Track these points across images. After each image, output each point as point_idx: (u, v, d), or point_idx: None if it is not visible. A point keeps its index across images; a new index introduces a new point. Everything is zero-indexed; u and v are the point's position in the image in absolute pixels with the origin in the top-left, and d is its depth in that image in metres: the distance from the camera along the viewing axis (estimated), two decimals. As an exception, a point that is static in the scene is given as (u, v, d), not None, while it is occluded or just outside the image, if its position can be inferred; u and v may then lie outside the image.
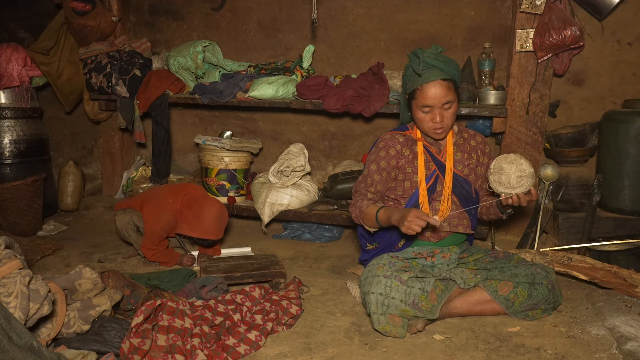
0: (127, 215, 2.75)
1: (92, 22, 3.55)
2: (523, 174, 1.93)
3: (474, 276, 2.04)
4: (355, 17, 3.44)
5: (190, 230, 2.69)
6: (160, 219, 2.67)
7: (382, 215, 2.02)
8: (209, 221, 2.68)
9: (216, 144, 3.29)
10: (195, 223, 2.67)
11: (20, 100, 3.62)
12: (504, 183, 1.94)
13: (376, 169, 2.18)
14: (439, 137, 2.14)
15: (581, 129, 2.95)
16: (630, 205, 2.73)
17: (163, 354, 1.70)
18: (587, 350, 1.81)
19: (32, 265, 2.74)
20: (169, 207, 2.71)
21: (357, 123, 3.55)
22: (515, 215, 3.05)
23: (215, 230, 2.72)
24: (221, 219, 2.75)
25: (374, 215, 2.05)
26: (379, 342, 1.89)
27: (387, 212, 2.00)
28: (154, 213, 2.69)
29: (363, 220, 2.13)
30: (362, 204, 2.13)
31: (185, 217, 2.70)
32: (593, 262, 2.35)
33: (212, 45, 3.50)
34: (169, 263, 2.74)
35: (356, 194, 2.21)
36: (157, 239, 2.69)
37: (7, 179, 3.49)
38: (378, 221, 2.04)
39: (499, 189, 1.97)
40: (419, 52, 2.07)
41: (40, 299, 1.52)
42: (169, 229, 2.74)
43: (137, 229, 2.75)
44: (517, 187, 1.93)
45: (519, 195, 1.95)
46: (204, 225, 2.68)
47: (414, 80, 2.07)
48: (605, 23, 2.99)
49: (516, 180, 1.92)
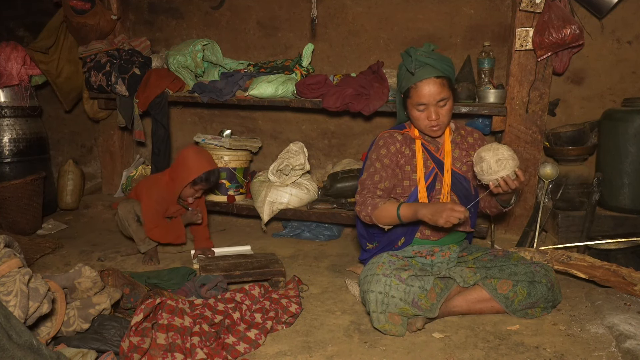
0: (130, 204, 2.81)
1: (91, 21, 3.55)
2: (502, 157, 1.93)
3: (474, 275, 2.05)
4: (355, 15, 3.44)
5: (187, 177, 2.75)
6: (151, 194, 2.79)
7: (406, 211, 2.01)
8: (194, 158, 2.78)
9: (216, 142, 3.29)
10: (185, 168, 2.76)
11: (20, 99, 3.62)
12: (486, 170, 1.94)
13: (381, 166, 2.17)
14: (436, 135, 2.14)
15: (581, 128, 2.95)
16: (630, 204, 2.73)
17: (162, 353, 1.70)
18: (586, 349, 1.81)
19: (32, 264, 2.74)
20: (157, 182, 2.86)
21: (357, 122, 3.55)
22: (515, 214, 3.06)
23: (206, 161, 2.81)
24: (202, 151, 2.87)
25: (395, 212, 2.03)
26: (379, 341, 1.89)
27: (412, 207, 2.00)
28: (146, 189, 2.83)
29: (377, 218, 2.09)
30: (374, 202, 2.10)
31: (176, 173, 2.80)
32: (592, 261, 2.35)
33: (212, 43, 3.50)
34: (179, 236, 2.82)
35: (363, 192, 2.17)
36: (155, 213, 2.76)
37: (6, 178, 3.49)
38: (400, 217, 2.03)
39: (485, 178, 1.97)
40: (412, 50, 2.06)
41: (39, 298, 1.52)
42: (164, 204, 2.82)
43: (138, 219, 2.80)
44: (500, 170, 1.92)
45: (505, 180, 1.93)
46: (193, 164, 2.76)
47: (408, 79, 2.07)
48: (604, 22, 2.99)
49: (496, 164, 1.92)
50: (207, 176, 2.79)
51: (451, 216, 1.86)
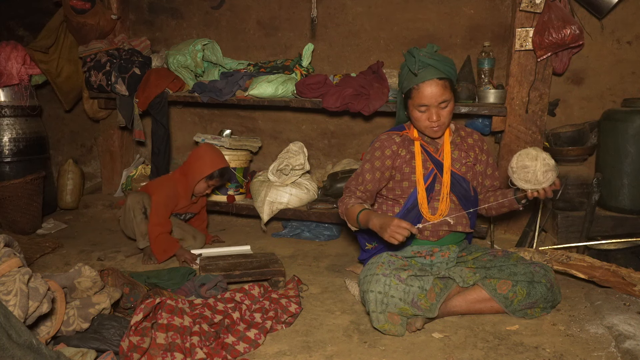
0: (140, 195, 2.85)
1: (91, 20, 3.55)
2: (548, 169, 1.93)
3: (473, 275, 2.05)
4: (355, 15, 3.44)
5: (204, 171, 2.86)
6: (162, 189, 2.85)
7: (362, 218, 2.06)
8: (211, 153, 2.93)
9: (215, 142, 3.29)
10: (202, 163, 2.89)
11: (20, 98, 3.62)
12: (531, 180, 1.94)
13: (369, 168, 2.19)
14: (436, 135, 2.14)
15: (580, 128, 2.95)
16: (629, 204, 2.73)
17: (162, 352, 1.70)
18: (586, 349, 1.81)
19: (32, 264, 2.74)
20: (169, 179, 2.95)
21: (357, 122, 3.55)
22: (514, 214, 3.06)
23: (222, 157, 2.96)
24: (214, 148, 3.01)
25: (355, 216, 2.08)
26: (378, 341, 1.89)
27: (367, 215, 2.03)
28: (157, 184, 2.92)
29: (347, 218, 2.18)
30: (348, 202, 2.17)
31: (191, 168, 2.90)
32: (592, 261, 2.35)
33: (212, 43, 3.50)
34: (166, 252, 2.75)
35: (346, 191, 2.25)
36: (164, 208, 2.80)
37: (6, 177, 3.49)
38: (358, 222, 2.08)
39: (525, 186, 1.97)
40: (415, 51, 2.06)
41: (39, 297, 1.52)
42: (174, 199, 2.88)
43: (144, 212, 2.79)
44: (544, 182, 1.94)
45: (546, 190, 1.96)
46: (210, 159, 2.90)
47: (410, 79, 2.07)
48: (604, 22, 2.99)
49: (542, 176, 1.93)
50: (222, 172, 2.92)
51: (395, 232, 1.86)
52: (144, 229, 2.77)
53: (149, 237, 2.76)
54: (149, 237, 2.76)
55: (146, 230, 2.77)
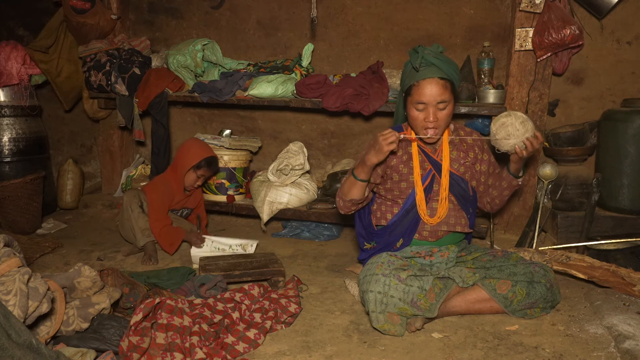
0: (136, 191, 2.95)
1: (91, 20, 3.55)
2: (524, 119, 1.99)
3: (473, 275, 2.05)
4: (355, 15, 3.44)
5: (190, 162, 2.93)
6: (157, 186, 2.93)
7: (356, 167, 2.07)
8: (195, 145, 3.01)
9: (215, 142, 3.29)
10: (188, 155, 2.96)
11: (20, 98, 3.62)
12: (513, 133, 1.98)
13: None
14: (429, 141, 2.12)
15: (580, 128, 2.95)
16: (629, 204, 2.73)
17: (162, 352, 1.70)
18: (585, 349, 1.81)
19: (32, 264, 2.74)
20: (162, 177, 3.03)
21: (357, 122, 3.55)
22: (514, 214, 3.06)
23: (207, 148, 3.03)
24: (199, 141, 3.10)
25: (351, 175, 2.09)
26: (378, 341, 1.89)
27: (358, 160, 2.07)
28: (151, 183, 3.03)
29: (344, 194, 2.15)
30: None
31: (179, 161, 2.97)
32: (591, 261, 2.35)
33: (212, 43, 3.50)
34: (173, 244, 2.84)
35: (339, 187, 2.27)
36: (160, 204, 2.86)
37: (6, 177, 3.49)
38: (355, 175, 2.07)
39: (510, 142, 2.00)
40: (420, 48, 2.06)
41: (39, 297, 1.52)
42: (169, 195, 2.94)
43: (141, 205, 2.85)
44: (525, 132, 1.98)
45: (530, 140, 1.98)
46: (195, 150, 2.97)
47: (412, 76, 2.07)
48: (604, 22, 2.99)
49: (522, 126, 1.98)
50: (208, 161, 2.98)
51: (385, 142, 1.91)
52: (142, 224, 2.78)
53: (151, 234, 2.80)
54: (153, 233, 2.80)
55: (145, 225, 2.79)
